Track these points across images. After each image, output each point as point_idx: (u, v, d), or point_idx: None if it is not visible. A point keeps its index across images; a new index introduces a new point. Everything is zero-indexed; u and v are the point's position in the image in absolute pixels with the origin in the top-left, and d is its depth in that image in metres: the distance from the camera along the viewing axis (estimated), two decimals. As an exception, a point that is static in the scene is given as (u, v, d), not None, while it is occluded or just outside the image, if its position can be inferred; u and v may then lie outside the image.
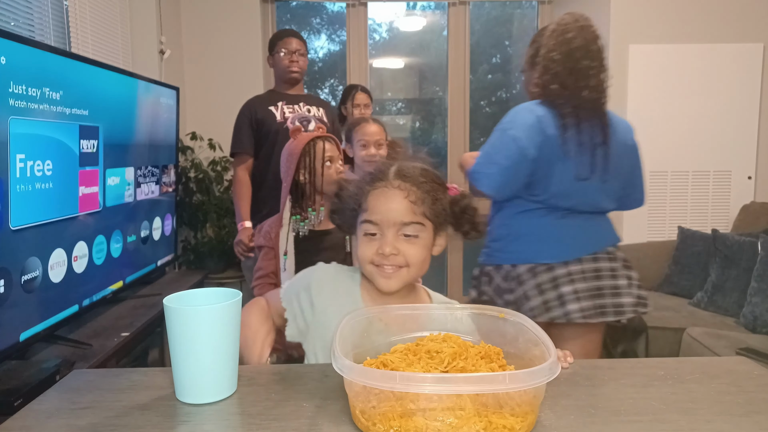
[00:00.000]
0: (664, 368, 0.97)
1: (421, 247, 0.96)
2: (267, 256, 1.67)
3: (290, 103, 2.57)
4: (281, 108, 2.54)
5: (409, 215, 0.94)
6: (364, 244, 0.97)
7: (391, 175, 0.97)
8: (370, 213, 0.96)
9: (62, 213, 1.72)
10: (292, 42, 2.54)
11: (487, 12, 4.31)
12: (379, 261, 0.95)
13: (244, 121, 2.52)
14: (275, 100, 2.56)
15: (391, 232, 0.94)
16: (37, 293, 1.59)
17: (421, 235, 0.95)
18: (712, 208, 3.31)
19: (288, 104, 2.56)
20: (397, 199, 0.94)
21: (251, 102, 2.58)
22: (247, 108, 2.55)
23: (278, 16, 4.02)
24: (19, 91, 1.48)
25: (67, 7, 2.35)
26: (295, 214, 1.69)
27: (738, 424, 0.78)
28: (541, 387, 0.72)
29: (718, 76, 3.21)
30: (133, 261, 2.27)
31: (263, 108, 2.52)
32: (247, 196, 2.47)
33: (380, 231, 0.95)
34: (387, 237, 0.94)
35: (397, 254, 0.94)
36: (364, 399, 0.73)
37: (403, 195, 0.94)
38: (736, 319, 2.50)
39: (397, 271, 0.95)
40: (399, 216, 0.94)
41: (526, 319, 0.87)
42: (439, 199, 0.97)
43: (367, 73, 4.04)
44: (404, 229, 0.94)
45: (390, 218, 0.94)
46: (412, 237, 0.95)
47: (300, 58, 2.56)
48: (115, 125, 2.05)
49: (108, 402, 0.86)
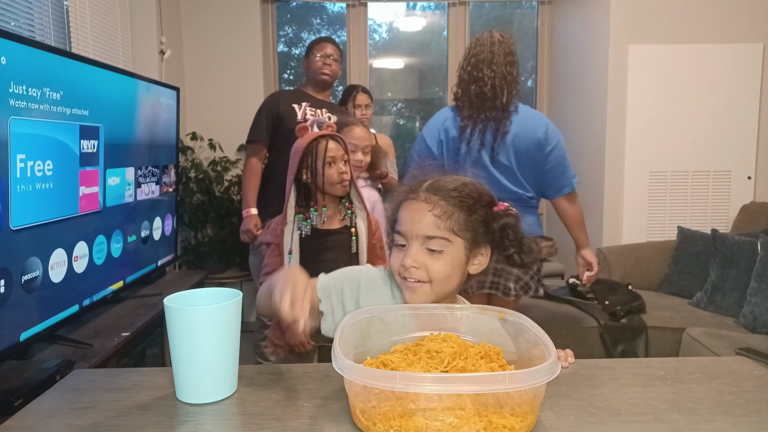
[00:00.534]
0: (664, 368, 0.98)
1: (445, 263, 0.94)
2: (273, 252, 1.66)
3: (314, 106, 2.56)
4: (304, 108, 2.54)
5: (433, 229, 0.93)
6: (394, 255, 0.98)
7: (422, 188, 0.97)
8: (399, 224, 0.97)
9: (63, 213, 1.72)
10: (327, 47, 2.59)
11: (487, 12, 4.31)
12: (403, 273, 0.95)
13: (265, 112, 2.52)
14: (301, 99, 2.56)
15: (415, 244, 0.94)
16: (38, 293, 1.59)
17: (446, 251, 0.94)
18: (711, 208, 3.31)
19: (312, 107, 2.55)
20: (422, 212, 0.94)
21: (277, 94, 2.60)
22: (270, 100, 2.57)
23: (278, 16, 4.02)
24: (20, 91, 1.48)
25: (67, 7, 2.35)
26: (299, 213, 1.68)
27: (738, 424, 0.78)
28: (541, 387, 0.72)
29: (718, 76, 3.21)
30: (134, 261, 2.27)
31: (287, 104, 2.52)
32: (255, 185, 2.48)
33: (407, 242, 0.96)
34: (411, 249, 0.94)
35: (418, 268, 0.94)
36: (365, 399, 0.73)
37: (428, 208, 0.94)
38: (735, 319, 2.50)
39: (421, 286, 0.95)
40: (423, 229, 0.93)
41: (526, 319, 0.87)
42: (475, 213, 0.95)
43: (367, 74, 4.04)
44: (428, 243, 0.93)
45: (414, 231, 0.94)
46: (436, 252, 0.94)
47: (333, 62, 2.59)
48: (116, 125, 2.05)
49: (108, 402, 0.86)
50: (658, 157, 3.26)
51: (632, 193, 3.29)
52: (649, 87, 3.22)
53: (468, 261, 0.97)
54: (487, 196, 0.98)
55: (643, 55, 3.20)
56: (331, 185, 1.67)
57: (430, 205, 0.94)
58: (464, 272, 0.98)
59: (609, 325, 2.51)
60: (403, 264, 0.94)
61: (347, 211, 1.71)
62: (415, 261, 0.93)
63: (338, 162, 1.67)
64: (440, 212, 0.93)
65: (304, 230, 1.66)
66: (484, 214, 0.96)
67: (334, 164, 1.67)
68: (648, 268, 3.04)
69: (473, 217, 0.95)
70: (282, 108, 2.51)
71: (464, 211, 0.94)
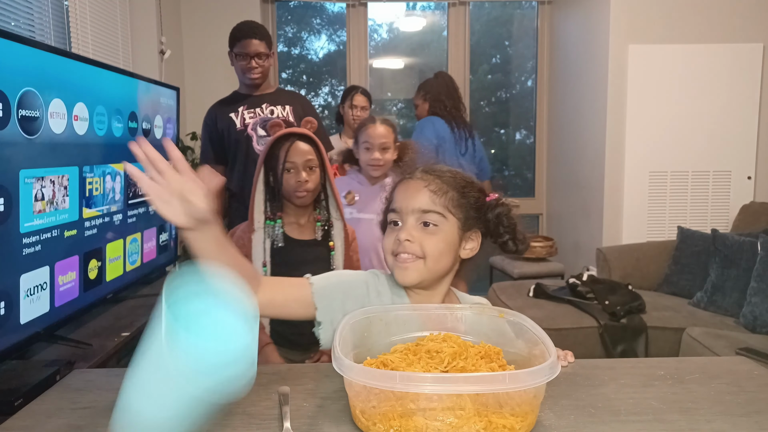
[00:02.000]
0: (664, 368, 0.98)
1: (439, 239, 0.95)
2: None
3: (251, 106, 2.35)
4: (241, 114, 2.33)
5: (429, 203, 0.95)
6: (388, 235, 0.99)
7: (417, 170, 1.01)
8: (394, 202, 0.99)
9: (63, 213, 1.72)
10: (251, 44, 2.26)
11: (487, 12, 4.31)
12: (396, 249, 0.95)
13: (205, 133, 2.38)
14: (236, 105, 2.35)
15: (411, 219, 0.95)
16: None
17: (441, 227, 0.95)
18: (711, 208, 3.31)
19: (249, 108, 2.34)
20: (418, 188, 0.96)
21: (212, 110, 2.39)
22: (208, 117, 2.39)
23: (278, 16, 4.02)
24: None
25: (67, 7, 2.35)
26: (269, 219, 1.54)
27: (738, 424, 0.78)
28: (541, 387, 0.72)
29: (717, 76, 3.21)
30: (134, 261, 2.27)
31: (224, 115, 2.34)
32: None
33: (401, 219, 0.97)
34: (407, 224, 0.95)
35: (413, 242, 0.94)
36: (365, 399, 0.73)
37: (424, 185, 0.96)
38: (735, 319, 2.50)
39: (414, 261, 0.95)
40: (419, 203, 0.95)
41: (526, 319, 0.87)
42: (467, 195, 0.98)
43: (367, 74, 4.04)
44: (424, 217, 0.95)
45: (410, 205, 0.95)
46: (431, 225, 0.95)
47: (260, 62, 2.29)
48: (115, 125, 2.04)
49: (108, 402, 0.86)
50: (658, 157, 3.26)
51: (632, 193, 3.29)
52: (649, 87, 3.22)
53: (460, 243, 0.98)
54: (477, 184, 1.02)
55: (643, 55, 3.20)
56: (288, 194, 1.52)
57: (425, 182, 0.97)
58: (456, 254, 0.99)
59: (609, 325, 2.51)
60: (398, 238, 0.95)
61: (316, 222, 1.59)
62: (410, 235, 0.94)
63: (300, 169, 1.50)
64: (436, 188, 0.96)
65: (276, 239, 1.52)
66: (475, 200, 0.99)
67: (294, 171, 1.51)
68: (648, 268, 3.04)
69: (466, 199, 0.98)
70: (220, 123, 2.33)
71: (458, 191, 0.97)
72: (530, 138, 4.33)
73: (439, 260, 0.96)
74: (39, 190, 1.41)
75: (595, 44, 3.39)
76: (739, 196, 3.25)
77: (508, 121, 4.48)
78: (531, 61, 4.21)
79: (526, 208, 4.24)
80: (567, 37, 3.84)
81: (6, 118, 1.27)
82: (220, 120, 2.34)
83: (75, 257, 1.62)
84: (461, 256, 0.99)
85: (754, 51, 3.20)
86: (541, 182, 4.24)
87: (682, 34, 3.22)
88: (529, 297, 2.83)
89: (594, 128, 3.42)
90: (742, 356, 1.13)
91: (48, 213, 1.45)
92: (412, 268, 0.95)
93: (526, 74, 4.33)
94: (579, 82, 3.63)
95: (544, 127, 4.14)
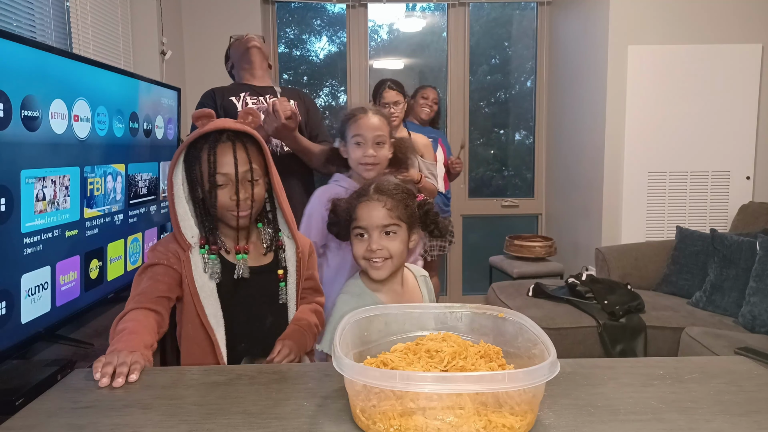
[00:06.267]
0: (663, 368, 0.98)
1: (399, 242, 1.25)
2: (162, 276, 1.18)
3: (254, 94, 2.20)
4: (243, 98, 2.17)
5: (387, 219, 1.23)
6: (357, 245, 1.25)
7: (371, 191, 1.26)
8: (359, 220, 1.25)
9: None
10: (247, 37, 2.30)
11: (486, 13, 4.31)
12: (368, 256, 1.23)
13: (209, 105, 2.15)
14: (238, 91, 2.20)
15: (375, 233, 1.23)
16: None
17: (398, 233, 1.25)
18: (710, 208, 3.32)
19: (252, 95, 2.19)
20: (377, 208, 1.23)
21: (211, 91, 2.23)
22: (205, 97, 2.21)
23: (279, 17, 4.03)
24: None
25: (68, 7, 2.35)
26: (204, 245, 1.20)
27: (737, 424, 0.78)
28: (541, 386, 0.73)
29: (717, 76, 3.21)
30: (135, 261, 2.27)
31: (224, 97, 2.18)
32: None
33: (367, 233, 1.24)
34: (373, 237, 1.23)
35: (381, 249, 1.22)
36: (365, 398, 0.74)
37: (382, 204, 1.23)
38: (734, 319, 2.50)
39: (383, 261, 1.23)
40: (380, 220, 1.23)
41: (526, 318, 0.88)
42: (409, 205, 1.27)
43: (367, 74, 4.04)
44: (385, 229, 1.23)
45: (374, 223, 1.23)
46: (392, 234, 1.24)
47: (256, 44, 2.26)
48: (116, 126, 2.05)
49: (108, 401, 0.87)
50: (657, 158, 3.27)
51: (631, 193, 3.29)
52: (648, 87, 3.22)
53: (409, 239, 1.28)
54: (411, 191, 1.32)
55: (642, 55, 3.21)
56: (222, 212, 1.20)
57: (382, 202, 1.24)
58: (407, 247, 1.29)
59: (608, 324, 2.51)
60: (369, 249, 1.22)
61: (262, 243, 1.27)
62: (378, 244, 1.22)
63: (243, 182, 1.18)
64: (391, 206, 1.24)
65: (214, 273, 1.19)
66: (413, 204, 1.29)
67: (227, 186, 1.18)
68: (647, 268, 3.05)
69: (408, 207, 1.27)
70: (219, 101, 2.16)
71: (403, 203, 1.26)
72: (530, 138, 4.34)
73: (400, 256, 1.26)
74: (40, 190, 1.41)
75: (594, 45, 3.40)
76: (737, 196, 3.26)
77: (507, 121, 4.49)
78: (530, 62, 4.22)
79: (525, 209, 4.25)
80: (566, 37, 3.84)
81: (7, 118, 1.27)
82: (220, 99, 2.17)
83: (76, 257, 1.62)
84: (409, 247, 1.29)
85: (753, 51, 3.21)
86: (541, 182, 4.25)
87: (681, 34, 3.22)
88: (528, 297, 2.84)
89: (593, 128, 3.42)
90: (740, 356, 1.13)
91: (49, 213, 1.45)
92: (383, 266, 1.23)
93: (525, 75, 4.34)
94: (578, 82, 3.64)
95: (544, 128, 4.15)
